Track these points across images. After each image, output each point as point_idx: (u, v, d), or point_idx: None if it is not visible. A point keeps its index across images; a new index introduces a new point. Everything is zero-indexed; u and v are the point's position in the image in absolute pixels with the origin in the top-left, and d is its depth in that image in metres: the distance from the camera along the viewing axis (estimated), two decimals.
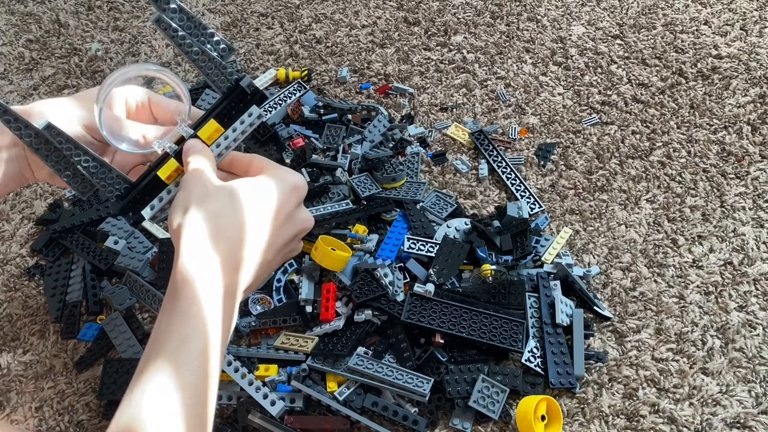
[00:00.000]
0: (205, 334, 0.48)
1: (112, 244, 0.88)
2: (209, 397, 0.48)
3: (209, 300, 0.49)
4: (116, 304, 0.85)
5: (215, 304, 0.49)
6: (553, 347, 0.76)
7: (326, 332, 0.78)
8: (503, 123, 1.02)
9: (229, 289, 0.51)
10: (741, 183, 0.91)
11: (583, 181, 0.94)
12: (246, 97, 0.56)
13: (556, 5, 1.19)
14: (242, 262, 0.52)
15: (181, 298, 0.48)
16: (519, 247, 0.83)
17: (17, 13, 1.31)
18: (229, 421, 0.75)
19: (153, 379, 0.46)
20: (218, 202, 0.52)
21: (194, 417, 0.46)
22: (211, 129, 0.56)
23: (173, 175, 0.57)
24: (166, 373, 0.46)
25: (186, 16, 0.55)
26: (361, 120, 1.02)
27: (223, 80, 0.56)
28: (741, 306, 0.80)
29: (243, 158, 0.59)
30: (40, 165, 0.59)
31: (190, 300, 0.48)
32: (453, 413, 0.73)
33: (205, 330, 0.48)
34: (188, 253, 0.49)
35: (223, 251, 0.50)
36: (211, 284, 0.49)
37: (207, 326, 0.48)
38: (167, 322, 0.48)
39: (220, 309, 0.49)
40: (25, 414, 0.78)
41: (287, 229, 0.55)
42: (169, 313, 0.48)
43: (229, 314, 0.51)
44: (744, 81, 1.03)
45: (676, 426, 0.71)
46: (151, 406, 0.45)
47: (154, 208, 0.57)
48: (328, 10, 1.23)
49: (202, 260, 0.49)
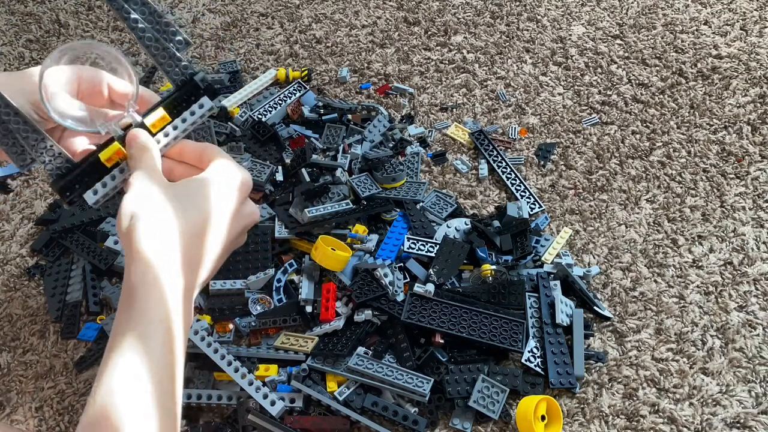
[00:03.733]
0: (167, 330, 0.48)
1: (112, 244, 0.88)
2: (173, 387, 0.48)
3: (169, 299, 0.48)
4: (116, 304, 0.84)
5: (176, 302, 0.49)
6: (553, 347, 0.76)
7: (326, 332, 0.78)
8: (503, 123, 1.02)
9: (189, 285, 0.51)
10: (741, 183, 0.91)
11: (583, 181, 0.94)
12: (199, 92, 0.56)
13: (556, 5, 1.19)
14: (202, 259, 0.51)
15: (139, 299, 0.48)
16: (519, 247, 0.83)
17: (17, 13, 1.31)
18: (229, 421, 0.75)
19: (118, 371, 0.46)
20: (171, 201, 0.51)
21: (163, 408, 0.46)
22: (158, 117, 0.56)
23: (114, 158, 0.56)
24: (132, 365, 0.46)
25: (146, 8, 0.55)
26: (361, 120, 1.02)
27: (178, 73, 0.56)
28: (741, 306, 0.80)
29: (195, 148, 0.58)
30: None
31: (149, 300, 0.48)
32: (453, 413, 0.73)
33: (166, 326, 0.48)
34: (145, 253, 0.48)
35: (183, 248, 0.50)
36: (172, 283, 0.49)
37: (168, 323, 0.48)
38: (126, 319, 0.48)
39: (180, 307, 0.49)
40: (25, 414, 0.78)
41: (237, 224, 0.55)
42: (127, 314, 0.48)
43: (189, 311, 0.51)
44: (744, 81, 1.03)
45: (676, 426, 0.71)
46: (121, 393, 0.45)
47: (97, 194, 0.56)
48: (328, 10, 1.23)
49: (161, 259, 0.48)
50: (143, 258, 0.48)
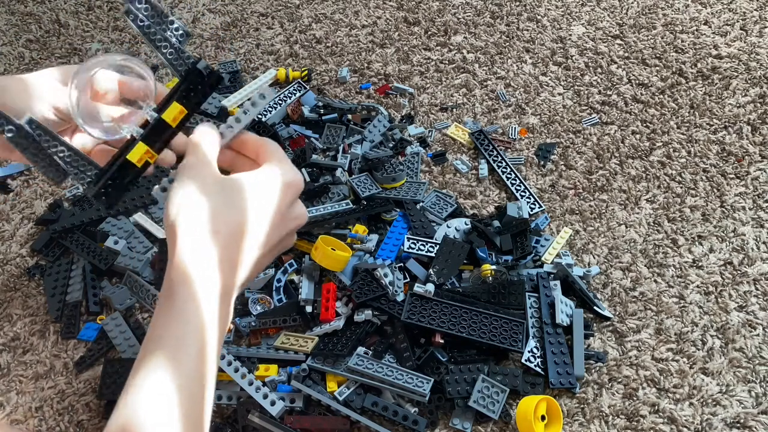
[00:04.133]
0: (202, 334, 0.47)
1: (112, 244, 0.88)
2: (206, 398, 0.47)
3: (206, 300, 0.48)
4: (116, 304, 0.85)
5: (212, 303, 0.49)
6: (553, 347, 0.76)
7: (326, 332, 0.78)
8: (503, 123, 1.02)
9: (226, 287, 0.50)
10: (741, 183, 0.91)
11: (583, 181, 0.94)
12: (204, 79, 0.57)
13: (556, 5, 1.19)
14: (240, 260, 0.51)
15: (178, 297, 0.48)
16: (519, 247, 0.83)
17: (17, 13, 1.31)
18: (229, 421, 0.75)
19: (149, 378, 0.46)
20: (216, 198, 0.51)
21: (190, 418, 0.46)
22: (175, 111, 0.57)
23: (144, 158, 0.57)
24: (162, 373, 0.45)
25: (150, 5, 0.56)
26: (361, 120, 1.02)
27: (181, 64, 0.57)
28: (741, 306, 0.80)
29: (254, 143, 0.58)
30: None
31: (186, 300, 0.47)
32: (453, 413, 0.73)
33: (201, 330, 0.47)
34: (185, 250, 0.49)
35: (220, 248, 0.50)
36: (209, 283, 0.49)
37: (203, 326, 0.48)
38: (163, 323, 0.48)
39: (216, 308, 0.49)
40: (25, 414, 0.78)
41: (283, 226, 0.55)
42: (166, 314, 0.48)
43: (226, 313, 0.51)
44: (744, 81, 1.03)
45: (676, 426, 0.71)
46: (148, 406, 0.45)
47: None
48: (328, 10, 1.23)
49: (199, 258, 0.48)
50: (183, 256, 0.48)
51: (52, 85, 0.60)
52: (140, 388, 0.45)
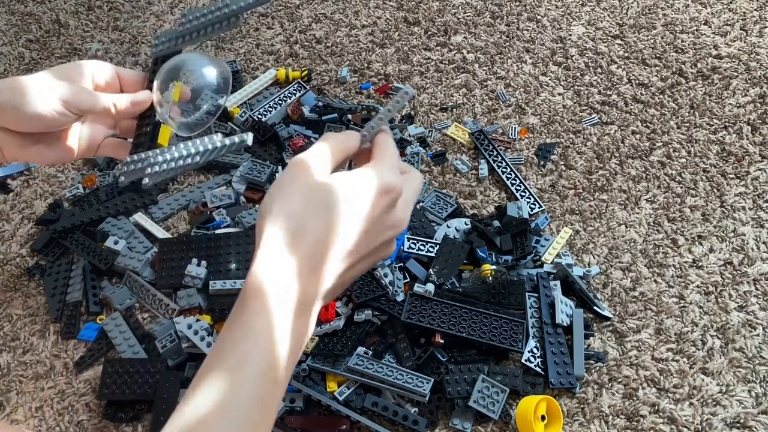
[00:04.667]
0: (268, 352, 0.44)
1: (112, 244, 0.88)
2: (263, 419, 0.44)
3: (278, 314, 0.44)
4: (116, 304, 0.85)
5: (284, 318, 0.45)
6: (553, 347, 0.76)
7: (326, 332, 0.78)
8: (503, 123, 1.02)
9: (305, 298, 0.46)
10: (741, 183, 0.91)
11: (583, 181, 0.94)
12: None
13: (556, 5, 1.19)
14: (324, 268, 0.47)
15: (247, 310, 0.44)
16: (519, 247, 0.83)
17: (17, 13, 1.31)
18: None
19: (206, 394, 0.43)
20: (311, 198, 0.47)
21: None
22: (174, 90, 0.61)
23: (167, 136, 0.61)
24: (220, 391, 0.42)
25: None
26: (361, 120, 1.02)
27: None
28: (741, 306, 0.80)
29: (375, 141, 0.54)
30: (8, 141, 0.60)
31: (256, 313, 0.44)
32: (453, 413, 0.73)
33: (268, 348, 0.44)
34: (264, 256, 0.45)
35: (303, 255, 0.46)
36: (284, 295, 0.45)
37: (272, 344, 0.44)
38: (230, 336, 0.44)
39: (289, 324, 0.45)
40: (25, 414, 0.78)
41: (376, 234, 0.50)
42: (233, 326, 0.45)
43: (301, 328, 0.46)
44: (744, 81, 1.03)
45: (676, 426, 0.71)
46: (201, 422, 0.42)
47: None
48: (328, 10, 1.23)
49: (277, 266, 0.45)
50: (261, 263, 0.45)
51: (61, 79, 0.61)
52: (196, 403, 0.43)
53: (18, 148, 0.61)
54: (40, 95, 0.58)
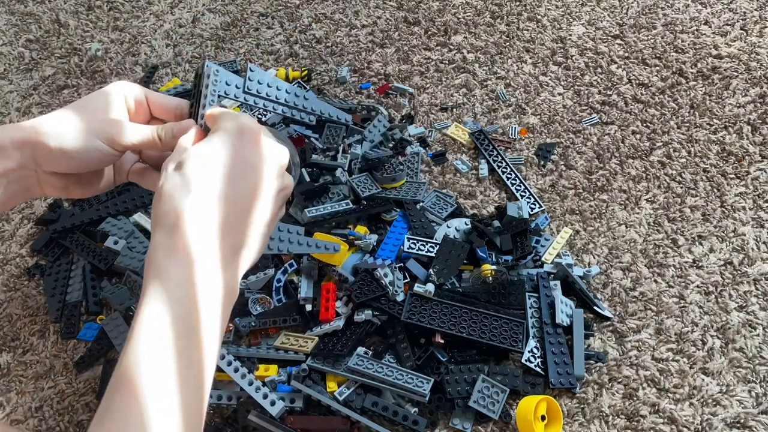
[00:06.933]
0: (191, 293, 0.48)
1: (112, 244, 0.88)
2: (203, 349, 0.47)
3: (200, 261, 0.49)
4: (116, 304, 0.85)
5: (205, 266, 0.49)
6: (553, 347, 0.76)
7: (326, 332, 0.78)
8: (503, 123, 1.02)
9: (227, 254, 0.50)
10: (741, 183, 0.91)
11: (583, 181, 0.94)
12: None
13: (556, 5, 1.19)
14: (239, 225, 0.52)
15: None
16: (519, 247, 0.83)
17: (17, 13, 1.31)
18: (229, 421, 0.75)
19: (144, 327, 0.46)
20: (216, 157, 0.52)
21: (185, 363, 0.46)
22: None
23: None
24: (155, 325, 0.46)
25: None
26: (361, 120, 1.02)
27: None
28: (741, 306, 0.80)
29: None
30: (52, 183, 0.59)
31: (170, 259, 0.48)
32: (453, 413, 0.73)
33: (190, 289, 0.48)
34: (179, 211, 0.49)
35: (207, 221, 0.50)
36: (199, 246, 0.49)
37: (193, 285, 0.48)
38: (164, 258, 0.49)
39: (216, 272, 0.49)
40: (25, 414, 0.78)
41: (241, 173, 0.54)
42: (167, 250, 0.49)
43: (229, 278, 0.51)
44: (744, 81, 1.03)
45: (676, 426, 0.71)
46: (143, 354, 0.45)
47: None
48: (328, 10, 1.23)
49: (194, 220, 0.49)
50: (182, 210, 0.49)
51: (95, 117, 0.58)
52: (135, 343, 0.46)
53: (60, 189, 0.61)
54: (87, 139, 0.57)
